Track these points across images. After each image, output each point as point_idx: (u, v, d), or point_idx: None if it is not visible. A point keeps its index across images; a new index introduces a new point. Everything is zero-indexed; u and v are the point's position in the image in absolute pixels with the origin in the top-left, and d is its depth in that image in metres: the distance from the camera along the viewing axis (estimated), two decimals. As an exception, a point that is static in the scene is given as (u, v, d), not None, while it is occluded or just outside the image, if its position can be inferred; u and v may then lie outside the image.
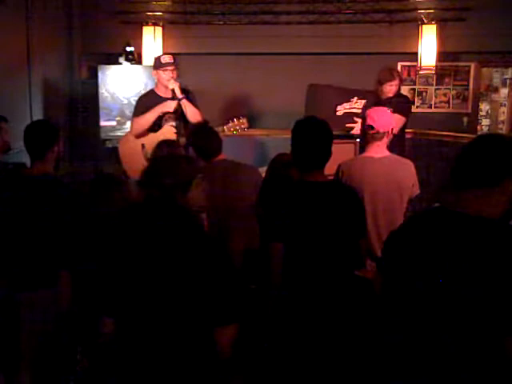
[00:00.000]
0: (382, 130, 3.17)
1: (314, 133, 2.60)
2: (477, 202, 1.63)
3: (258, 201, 3.23)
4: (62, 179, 3.01)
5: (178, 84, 4.38)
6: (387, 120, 3.24)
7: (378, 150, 3.19)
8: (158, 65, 4.47)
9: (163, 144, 3.49)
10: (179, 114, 4.39)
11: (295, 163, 2.68)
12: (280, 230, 2.51)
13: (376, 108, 3.31)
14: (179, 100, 4.35)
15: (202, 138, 3.61)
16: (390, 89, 4.71)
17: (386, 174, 3.14)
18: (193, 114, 4.37)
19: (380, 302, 1.88)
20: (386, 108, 3.33)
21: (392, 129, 3.25)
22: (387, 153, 3.22)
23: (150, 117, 4.38)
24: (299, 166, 2.66)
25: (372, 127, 3.16)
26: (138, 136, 4.45)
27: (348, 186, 2.98)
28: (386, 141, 3.22)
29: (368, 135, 3.20)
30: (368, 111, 3.27)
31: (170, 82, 4.37)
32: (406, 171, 3.21)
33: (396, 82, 4.71)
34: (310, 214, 2.54)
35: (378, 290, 1.96)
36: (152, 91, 4.60)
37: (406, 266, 1.72)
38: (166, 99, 4.46)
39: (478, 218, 1.61)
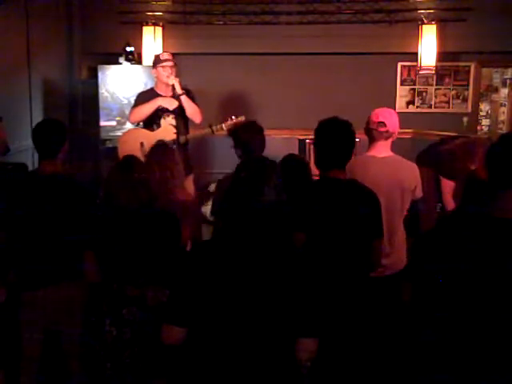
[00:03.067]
0: (391, 130, 3.17)
1: (338, 133, 2.67)
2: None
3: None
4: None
5: (177, 80, 4.39)
6: (397, 121, 3.24)
7: (382, 150, 3.18)
8: (157, 62, 4.49)
9: (157, 146, 3.48)
10: (178, 113, 4.40)
11: (317, 162, 2.75)
12: (303, 221, 2.60)
13: (385, 108, 3.30)
14: (179, 96, 4.36)
15: (247, 134, 3.48)
16: None
17: (389, 174, 3.12)
18: (192, 111, 4.38)
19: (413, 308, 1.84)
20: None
21: (397, 131, 3.25)
22: (391, 153, 3.21)
23: (150, 106, 4.41)
24: (321, 165, 2.73)
25: (384, 124, 3.15)
26: (136, 122, 4.54)
27: (366, 185, 3.00)
28: (390, 141, 3.22)
29: (376, 132, 3.16)
30: (377, 110, 3.23)
31: (169, 78, 4.38)
32: (409, 173, 3.19)
33: None
34: (330, 209, 2.61)
35: (407, 297, 1.95)
36: (152, 89, 4.62)
37: (448, 272, 1.67)
38: (166, 97, 4.47)
39: None
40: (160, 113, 4.45)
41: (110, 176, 2.72)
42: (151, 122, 4.47)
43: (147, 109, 4.41)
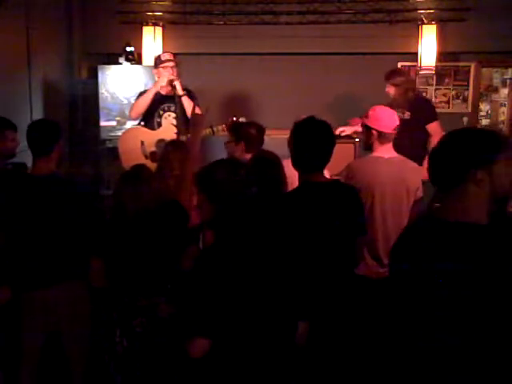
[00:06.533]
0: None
1: (317, 134, 2.58)
2: (458, 203, 1.62)
3: None
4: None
5: (179, 80, 4.40)
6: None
7: (388, 151, 3.18)
8: (158, 62, 4.50)
9: (171, 144, 3.52)
10: (179, 112, 4.40)
11: (296, 164, 2.67)
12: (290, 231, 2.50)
13: (390, 110, 3.28)
14: (180, 97, 4.36)
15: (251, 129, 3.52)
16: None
17: (395, 175, 3.12)
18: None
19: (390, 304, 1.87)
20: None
21: None
22: (395, 153, 3.22)
23: (146, 96, 4.46)
24: (300, 168, 2.65)
25: (398, 127, 3.16)
26: (137, 116, 4.55)
27: (348, 185, 2.98)
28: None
29: (390, 136, 3.16)
30: (387, 113, 3.20)
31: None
32: (413, 173, 3.18)
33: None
34: (315, 215, 2.53)
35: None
36: None
37: (407, 274, 1.71)
38: (167, 97, 4.48)
39: (462, 224, 1.59)
40: (161, 112, 4.46)
41: (118, 187, 2.71)
42: (152, 121, 4.47)
43: (144, 99, 4.44)
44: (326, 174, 2.78)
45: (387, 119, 3.17)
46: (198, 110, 4.28)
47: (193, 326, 1.89)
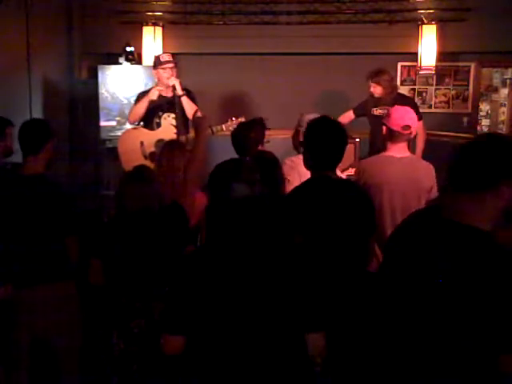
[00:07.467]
0: (413, 132, 3.18)
1: (329, 134, 2.60)
2: (470, 207, 1.60)
3: None
4: (58, 179, 3.03)
5: (178, 81, 4.41)
6: (416, 119, 3.25)
7: (401, 150, 3.16)
8: (157, 63, 4.51)
9: (169, 144, 3.53)
10: (179, 112, 4.41)
11: (308, 163, 2.69)
12: (299, 222, 2.52)
13: (405, 108, 3.28)
14: (179, 97, 4.38)
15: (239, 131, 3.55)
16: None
17: (406, 174, 3.10)
18: (192, 112, 4.39)
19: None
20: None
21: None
22: (408, 153, 3.20)
23: (140, 105, 4.48)
24: (312, 166, 2.67)
25: (408, 127, 3.13)
26: (134, 121, 4.61)
27: (358, 184, 2.98)
28: (407, 141, 3.22)
29: (399, 134, 3.13)
30: (398, 112, 3.20)
31: (170, 79, 4.41)
32: (426, 173, 3.16)
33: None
34: (324, 211, 2.55)
35: None
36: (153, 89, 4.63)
37: (399, 267, 1.72)
38: (167, 97, 4.49)
39: (467, 227, 1.58)
40: (161, 112, 4.47)
41: (121, 188, 2.71)
42: (152, 122, 4.48)
43: (142, 105, 4.45)
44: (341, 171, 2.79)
45: (397, 117, 3.15)
46: (199, 113, 4.33)
47: (164, 323, 1.88)
